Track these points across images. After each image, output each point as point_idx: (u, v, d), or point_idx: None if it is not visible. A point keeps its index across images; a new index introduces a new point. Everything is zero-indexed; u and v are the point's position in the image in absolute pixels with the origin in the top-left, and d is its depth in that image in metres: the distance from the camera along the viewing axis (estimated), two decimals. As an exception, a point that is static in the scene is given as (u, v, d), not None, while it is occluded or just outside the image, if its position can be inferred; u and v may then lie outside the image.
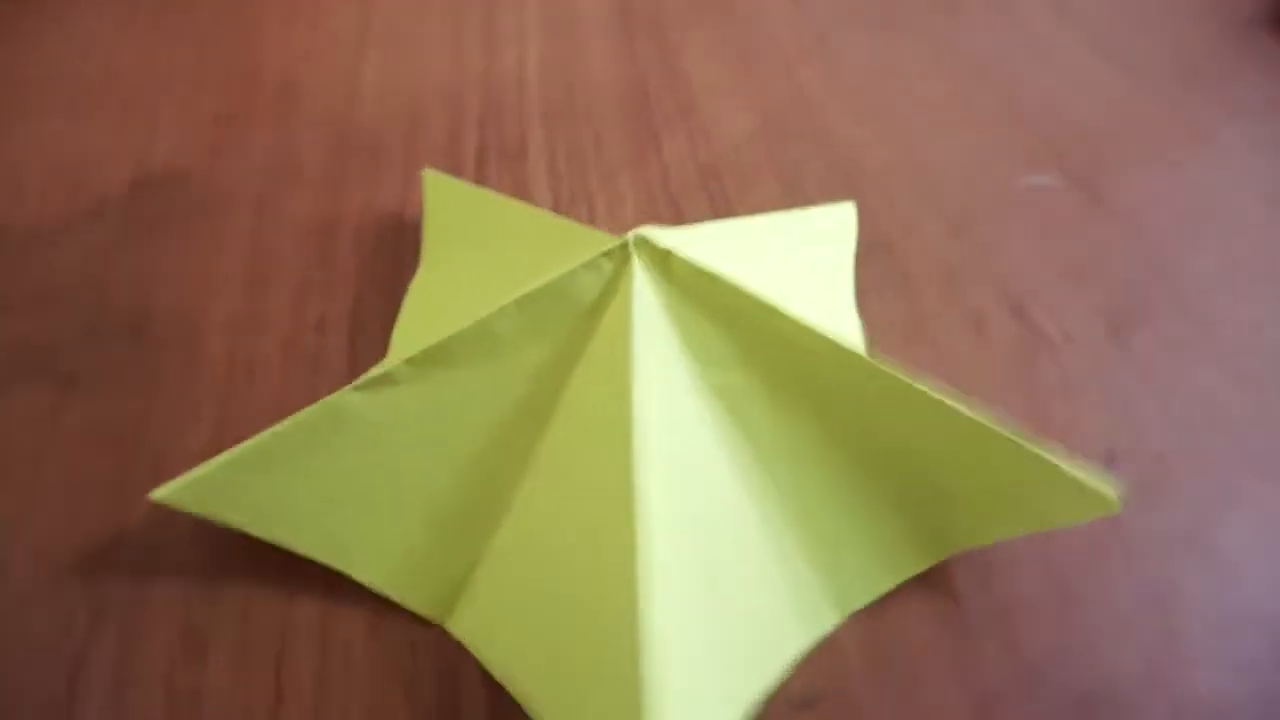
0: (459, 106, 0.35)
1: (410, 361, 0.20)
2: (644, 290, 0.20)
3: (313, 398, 0.20)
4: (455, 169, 0.32)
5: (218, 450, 0.20)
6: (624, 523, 0.17)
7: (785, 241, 0.26)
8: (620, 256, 0.20)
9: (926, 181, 0.32)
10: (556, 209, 0.31)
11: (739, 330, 0.20)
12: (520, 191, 0.31)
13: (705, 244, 0.22)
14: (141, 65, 0.36)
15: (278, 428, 0.20)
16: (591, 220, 0.30)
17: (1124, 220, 0.31)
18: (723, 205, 0.31)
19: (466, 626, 0.20)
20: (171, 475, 0.20)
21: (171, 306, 0.27)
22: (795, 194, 0.32)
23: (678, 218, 0.30)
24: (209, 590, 0.21)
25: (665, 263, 0.20)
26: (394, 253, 0.29)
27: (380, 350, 0.26)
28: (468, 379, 0.20)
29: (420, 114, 0.35)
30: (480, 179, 0.32)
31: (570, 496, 0.19)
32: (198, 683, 0.20)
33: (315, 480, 0.20)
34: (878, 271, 0.29)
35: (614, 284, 0.20)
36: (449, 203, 0.28)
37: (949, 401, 0.20)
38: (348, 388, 0.20)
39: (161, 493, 0.20)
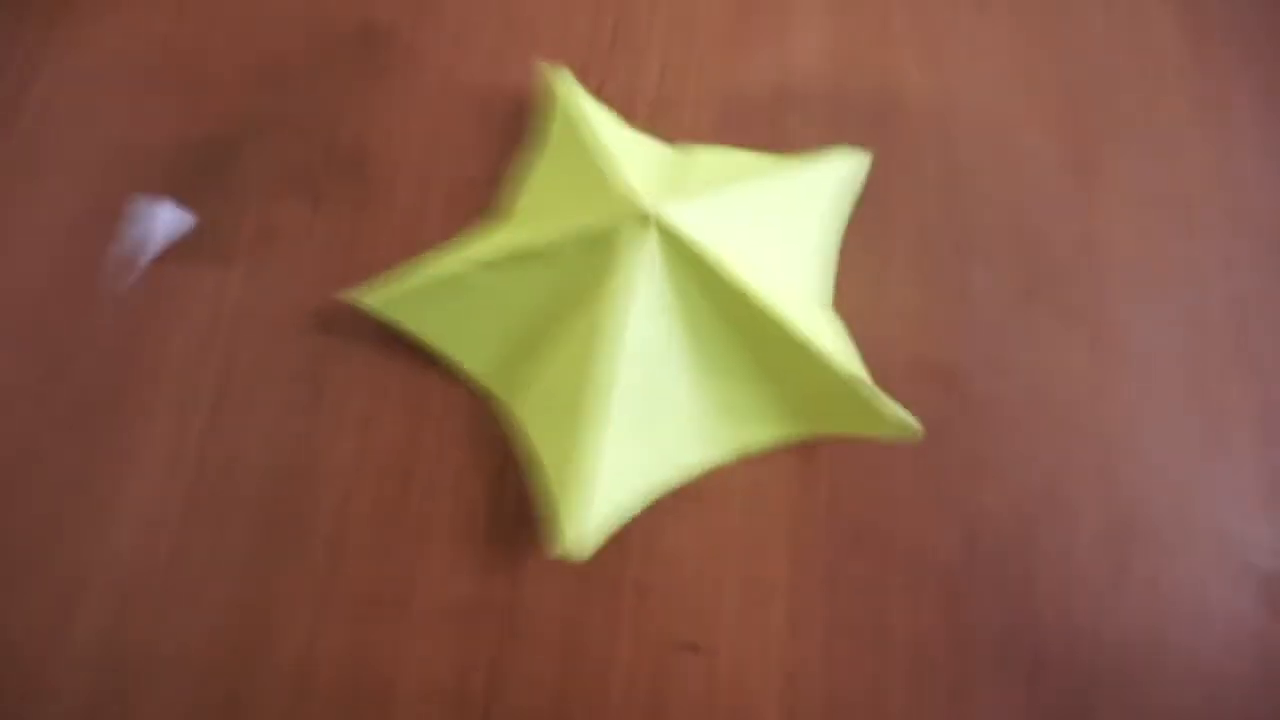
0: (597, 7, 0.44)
1: (511, 257, 0.33)
2: (653, 252, 0.31)
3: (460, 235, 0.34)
4: (586, 59, 0.42)
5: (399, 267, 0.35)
6: (604, 372, 0.31)
7: (788, 195, 0.36)
8: (644, 223, 0.31)
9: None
10: (655, 108, 0.41)
11: (712, 289, 0.32)
12: (630, 80, 0.41)
13: (714, 211, 0.33)
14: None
15: (435, 273, 0.34)
16: (676, 128, 0.40)
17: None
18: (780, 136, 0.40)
19: (523, 408, 0.35)
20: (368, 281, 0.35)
21: (380, 149, 0.40)
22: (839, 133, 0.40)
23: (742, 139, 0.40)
24: (386, 360, 0.36)
25: (672, 238, 0.31)
26: (529, 126, 0.40)
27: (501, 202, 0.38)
28: (541, 274, 0.33)
29: (570, 5, 0.43)
30: (608, 67, 0.42)
31: (583, 350, 0.32)
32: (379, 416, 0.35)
33: (452, 307, 0.35)
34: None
35: (638, 240, 0.31)
36: (568, 101, 0.38)
37: (823, 354, 0.31)
38: (477, 261, 0.33)
39: (356, 296, 0.35)
